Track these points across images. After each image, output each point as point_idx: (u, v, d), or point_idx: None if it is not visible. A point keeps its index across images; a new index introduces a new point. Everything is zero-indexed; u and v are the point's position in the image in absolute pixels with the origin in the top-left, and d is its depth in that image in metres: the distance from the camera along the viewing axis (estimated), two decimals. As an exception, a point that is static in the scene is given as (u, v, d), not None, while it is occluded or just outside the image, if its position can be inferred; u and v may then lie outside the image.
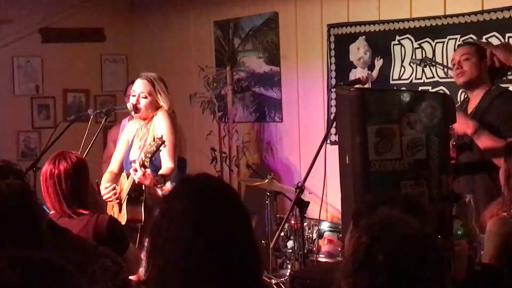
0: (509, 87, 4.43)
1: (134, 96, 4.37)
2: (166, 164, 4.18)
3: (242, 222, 1.94)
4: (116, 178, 4.43)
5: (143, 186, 4.12)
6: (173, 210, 1.90)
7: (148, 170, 4.01)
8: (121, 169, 4.49)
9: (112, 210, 4.33)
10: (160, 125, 4.27)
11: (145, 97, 4.34)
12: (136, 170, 3.99)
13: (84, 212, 3.36)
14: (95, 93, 7.39)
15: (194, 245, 1.85)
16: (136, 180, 4.02)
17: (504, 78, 4.32)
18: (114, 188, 4.27)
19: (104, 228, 3.33)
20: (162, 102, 4.34)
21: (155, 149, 3.94)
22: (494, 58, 3.91)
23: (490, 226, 3.16)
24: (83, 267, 2.73)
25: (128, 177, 4.21)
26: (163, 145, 3.93)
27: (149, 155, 3.95)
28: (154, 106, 4.37)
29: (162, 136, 4.00)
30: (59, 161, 3.36)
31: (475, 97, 4.06)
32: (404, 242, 1.83)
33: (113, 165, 4.51)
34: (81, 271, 2.21)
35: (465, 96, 4.33)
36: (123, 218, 4.16)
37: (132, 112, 4.43)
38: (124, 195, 4.18)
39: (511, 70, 4.07)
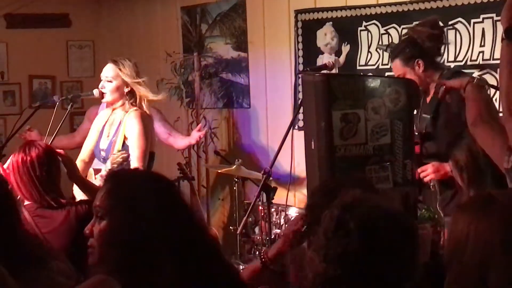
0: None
1: (102, 81, 4.33)
2: None
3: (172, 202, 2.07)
4: (86, 167, 4.39)
5: None
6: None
7: None
8: (91, 157, 4.45)
9: None
10: (132, 128, 4.19)
11: (110, 81, 4.28)
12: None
13: (62, 201, 3.31)
14: (61, 79, 7.32)
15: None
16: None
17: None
18: None
19: (86, 216, 3.29)
20: (126, 77, 4.24)
21: (121, 160, 3.95)
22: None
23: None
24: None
25: (95, 174, 4.19)
26: (129, 158, 4.02)
27: (115, 166, 3.96)
28: (122, 92, 4.29)
29: (127, 151, 4.07)
30: (29, 149, 3.30)
31: (431, 88, 4.05)
32: (375, 210, 1.86)
33: (84, 154, 4.45)
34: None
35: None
36: None
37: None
38: None
39: (441, 40, 4.11)
